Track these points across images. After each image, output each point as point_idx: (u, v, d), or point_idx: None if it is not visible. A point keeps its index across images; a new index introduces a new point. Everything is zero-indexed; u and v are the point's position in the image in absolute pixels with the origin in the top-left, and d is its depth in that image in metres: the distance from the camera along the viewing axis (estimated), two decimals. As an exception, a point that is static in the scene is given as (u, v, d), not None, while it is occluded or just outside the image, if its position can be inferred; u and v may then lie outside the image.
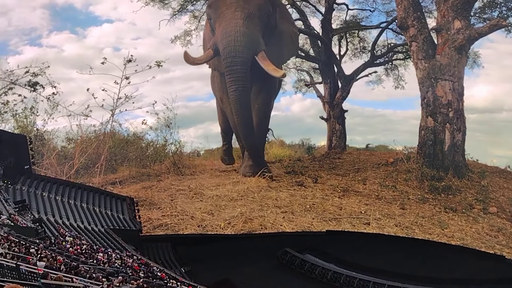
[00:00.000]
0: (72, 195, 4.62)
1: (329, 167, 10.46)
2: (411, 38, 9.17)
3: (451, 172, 8.46)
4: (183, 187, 7.71)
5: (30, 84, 6.83)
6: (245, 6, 8.36)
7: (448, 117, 8.68)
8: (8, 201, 3.45)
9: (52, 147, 7.83)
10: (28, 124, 7.50)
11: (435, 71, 8.72)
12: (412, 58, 9.49)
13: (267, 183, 7.77)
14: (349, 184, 7.97)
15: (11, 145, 4.11)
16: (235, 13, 8.30)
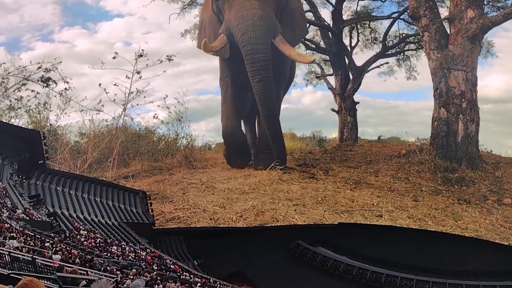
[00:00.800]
0: (85, 189, 4.67)
1: (341, 159, 10.41)
2: (423, 28, 9.04)
3: (465, 163, 8.37)
4: (195, 180, 7.75)
5: (43, 79, 6.91)
6: None
7: (461, 107, 8.56)
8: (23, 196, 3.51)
9: (65, 142, 7.93)
10: (41, 119, 7.61)
11: (448, 61, 8.59)
12: (424, 48, 9.36)
13: (279, 176, 7.77)
14: (361, 176, 7.94)
15: (25, 140, 4.17)
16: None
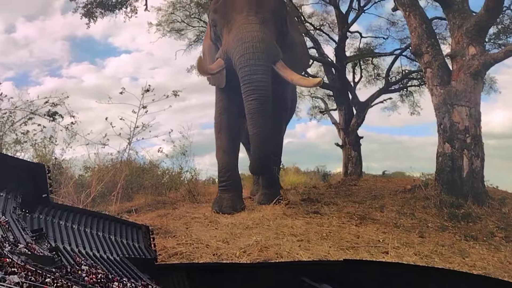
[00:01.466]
0: (88, 224, 4.64)
1: (345, 194, 10.31)
2: (426, 64, 9.13)
3: (471, 199, 8.26)
4: (198, 214, 7.68)
5: (50, 114, 7.00)
6: (258, 10, 7.39)
7: (465, 143, 8.54)
8: (25, 230, 3.48)
9: (69, 175, 7.94)
10: (46, 153, 7.65)
11: (451, 97, 8.64)
12: (427, 84, 9.43)
13: (283, 211, 7.69)
14: (366, 211, 7.83)
15: (30, 174, 4.18)
16: (248, 17, 7.33)
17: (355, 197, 9.66)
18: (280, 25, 7.78)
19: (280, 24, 7.75)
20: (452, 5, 8.95)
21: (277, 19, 7.64)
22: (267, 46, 7.19)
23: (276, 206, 7.97)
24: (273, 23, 7.52)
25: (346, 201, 8.81)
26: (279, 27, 7.74)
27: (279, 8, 7.76)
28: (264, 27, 7.31)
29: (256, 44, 7.12)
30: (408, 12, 9.53)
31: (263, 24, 7.32)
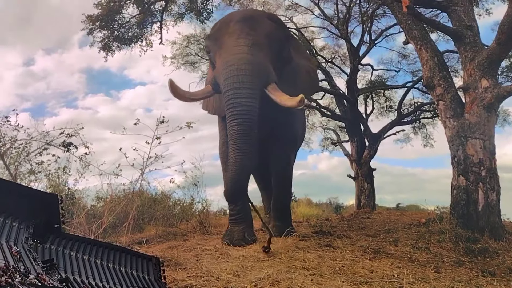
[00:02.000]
0: (99, 255, 4.61)
1: (359, 227, 10.15)
2: (438, 97, 9.11)
3: (487, 233, 8.04)
4: (209, 246, 7.59)
5: (64, 144, 7.11)
6: (251, 32, 6.91)
7: (480, 176, 8.40)
8: (36, 260, 3.47)
9: (82, 206, 7.98)
10: (60, 183, 7.72)
11: (465, 129, 8.57)
12: (440, 116, 9.38)
13: (295, 243, 7.58)
14: (380, 245, 7.67)
15: (43, 204, 4.20)
16: (238, 40, 6.86)
17: (369, 230, 9.51)
18: (278, 49, 7.33)
19: (277, 48, 7.29)
20: (463, 38, 9.00)
21: (272, 42, 7.16)
22: (254, 68, 6.64)
23: (288, 239, 7.88)
24: (267, 46, 7.04)
25: (360, 234, 8.67)
26: (276, 51, 7.25)
27: (275, 32, 7.31)
28: (254, 49, 6.80)
29: (242, 66, 6.61)
30: (419, 46, 9.61)
31: (254, 47, 6.82)
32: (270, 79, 6.80)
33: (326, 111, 20.04)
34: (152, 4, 13.77)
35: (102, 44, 13.70)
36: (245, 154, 6.47)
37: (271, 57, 7.05)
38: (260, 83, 6.64)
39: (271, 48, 7.09)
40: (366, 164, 17.83)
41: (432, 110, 18.64)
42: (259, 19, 7.40)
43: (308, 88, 8.43)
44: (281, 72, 7.37)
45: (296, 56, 8.14)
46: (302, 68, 8.21)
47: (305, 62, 8.50)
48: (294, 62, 7.94)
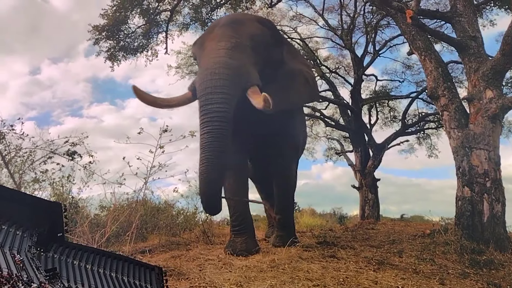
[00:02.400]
0: (102, 264, 4.60)
1: (363, 238, 10.09)
2: (443, 107, 9.10)
3: (492, 245, 7.97)
4: (212, 256, 7.56)
5: (69, 153, 7.13)
6: (234, 35, 6.59)
7: (485, 187, 8.35)
8: (39, 269, 3.47)
9: (85, 214, 7.99)
10: (64, 191, 7.74)
11: (469, 140, 8.54)
12: (444, 127, 9.35)
13: (298, 254, 7.54)
14: (384, 256, 7.62)
15: (47, 212, 4.21)
16: (218, 43, 6.53)
17: (373, 241, 9.45)
18: (265, 52, 6.97)
19: (264, 51, 6.93)
20: (467, 49, 9.01)
21: (258, 44, 6.80)
22: (230, 72, 6.26)
23: (292, 249, 7.84)
24: (251, 48, 6.68)
25: (364, 245, 8.62)
26: (263, 54, 6.89)
27: (261, 34, 6.97)
28: (235, 51, 6.45)
29: (216, 70, 6.25)
30: (423, 56, 9.63)
31: (235, 49, 6.47)
32: (251, 82, 6.41)
33: (330, 121, 20.05)
34: (157, 15, 13.90)
35: (108, 54, 13.82)
36: (213, 165, 6.01)
37: (256, 59, 6.74)
38: (236, 87, 6.25)
39: (255, 50, 6.77)
40: (370, 174, 17.77)
41: (437, 120, 18.62)
42: (245, 22, 7.17)
43: (306, 95, 8.11)
44: (273, 76, 7.16)
45: (292, 61, 7.87)
46: (298, 74, 7.84)
47: (303, 68, 8.13)
48: (288, 66, 7.63)
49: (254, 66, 6.59)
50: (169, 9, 13.66)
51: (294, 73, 7.67)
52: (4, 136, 6.76)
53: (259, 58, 6.75)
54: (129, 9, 13.17)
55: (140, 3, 13.20)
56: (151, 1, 13.53)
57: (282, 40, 7.87)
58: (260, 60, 6.79)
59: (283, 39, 8.02)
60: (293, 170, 8.65)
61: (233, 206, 8.05)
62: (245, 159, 8.23)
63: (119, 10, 13.02)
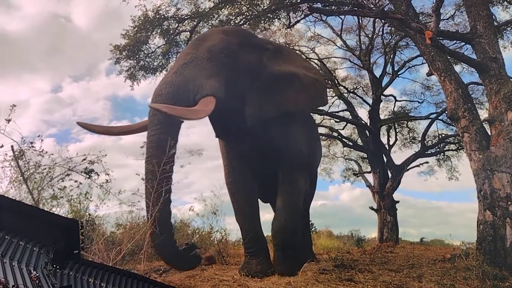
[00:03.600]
0: (116, 282, 4.60)
1: (381, 261, 9.88)
2: (463, 129, 8.95)
3: (515, 271, 7.72)
4: (227, 277, 7.48)
5: (86, 171, 7.21)
6: (191, 52, 6.57)
7: (508, 211, 8.12)
8: (55, 286, 3.48)
9: (101, 232, 8.02)
10: (81, 209, 7.80)
11: (491, 162, 8.36)
12: (465, 149, 9.18)
13: (315, 277, 7.41)
14: (403, 281, 7.42)
15: (63, 229, 4.25)
16: (175, 64, 6.62)
17: (392, 265, 9.24)
18: (228, 59, 6.78)
19: (226, 58, 6.75)
20: (488, 70, 8.90)
21: (216, 54, 6.67)
22: (175, 89, 6.16)
23: (308, 272, 7.71)
24: (208, 59, 6.56)
25: (382, 269, 8.42)
26: (227, 61, 6.72)
27: (220, 44, 6.81)
28: (187, 67, 6.39)
29: (160, 92, 6.22)
30: (443, 77, 9.54)
31: (188, 65, 6.42)
32: (200, 94, 6.28)
33: (347, 141, 19.94)
34: (177, 35, 14.15)
35: (128, 74, 14.07)
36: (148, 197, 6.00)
37: (216, 69, 6.58)
38: (181, 103, 6.04)
39: (213, 60, 6.62)
40: (389, 196, 17.50)
41: (457, 142, 18.34)
42: (208, 36, 7.16)
43: (304, 98, 7.59)
44: (251, 82, 7.01)
45: (281, 65, 7.54)
46: (288, 77, 7.44)
47: (300, 71, 7.70)
48: (272, 71, 7.33)
49: (212, 77, 6.46)
50: (188, 29, 13.89)
51: (280, 79, 7.33)
52: (24, 153, 6.87)
53: (221, 68, 6.63)
54: (149, 30, 13.44)
55: (160, 24, 13.46)
56: (171, 22, 13.78)
57: (258, 46, 7.55)
58: (223, 69, 6.65)
59: (261, 45, 7.63)
60: (299, 182, 7.74)
61: (245, 228, 7.90)
62: (250, 177, 7.92)
63: (140, 31, 13.29)
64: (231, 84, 6.66)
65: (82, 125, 6.70)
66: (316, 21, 18.29)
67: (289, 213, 7.47)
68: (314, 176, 10.47)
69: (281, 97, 7.21)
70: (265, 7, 13.08)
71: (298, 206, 7.71)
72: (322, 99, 8.36)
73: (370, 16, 13.95)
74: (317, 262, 9.45)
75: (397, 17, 9.57)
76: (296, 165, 7.64)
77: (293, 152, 7.59)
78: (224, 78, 6.59)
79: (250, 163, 7.75)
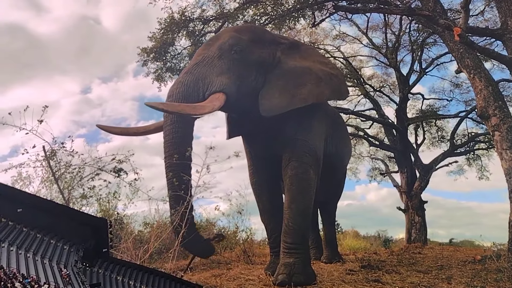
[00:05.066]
0: (144, 280, 4.69)
1: (409, 262, 9.72)
2: (493, 127, 8.71)
3: (549, 273, 7.48)
4: (252, 277, 7.50)
5: (115, 170, 7.35)
6: (202, 52, 6.70)
7: (541, 211, 7.89)
8: (84, 284, 3.57)
9: (129, 231, 8.16)
10: (110, 208, 7.95)
11: (523, 161, 8.14)
12: (495, 148, 8.95)
13: (341, 277, 7.36)
14: (432, 282, 7.29)
15: (93, 228, 4.36)
16: (189, 64, 6.84)
17: (420, 266, 9.09)
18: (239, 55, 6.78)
19: (237, 54, 6.75)
20: (520, 67, 8.65)
21: (226, 51, 6.72)
22: (185, 88, 6.35)
23: (334, 272, 7.66)
24: (219, 57, 6.65)
25: (410, 270, 8.29)
26: (237, 57, 6.73)
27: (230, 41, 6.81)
28: (197, 67, 6.56)
29: (172, 92, 6.43)
30: (472, 75, 9.32)
31: (199, 64, 6.59)
32: (211, 90, 6.39)
33: (374, 141, 19.68)
34: (203, 36, 14.26)
35: (156, 75, 14.30)
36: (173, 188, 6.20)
37: (226, 66, 6.64)
38: (191, 100, 6.27)
39: (223, 57, 6.69)
40: (417, 196, 17.19)
41: (487, 141, 17.84)
42: (220, 35, 7.25)
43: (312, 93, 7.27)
44: (265, 77, 7.00)
45: (296, 60, 7.47)
46: (304, 72, 7.35)
47: (315, 66, 7.57)
48: (286, 66, 7.29)
49: (222, 74, 6.53)
50: (214, 30, 13.99)
51: (296, 73, 7.26)
52: (55, 153, 7.06)
53: (231, 64, 6.67)
54: (176, 32, 13.60)
55: (186, 25, 13.61)
56: (197, 23, 13.91)
57: (272, 40, 7.52)
58: (234, 66, 6.69)
59: (274, 40, 7.59)
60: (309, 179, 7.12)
61: (270, 227, 7.83)
62: (274, 176, 7.75)
63: (166, 33, 13.47)
64: (243, 79, 6.73)
65: (100, 127, 6.98)
66: (341, 20, 18.14)
67: (297, 213, 6.88)
68: (342, 176, 10.41)
69: (298, 91, 7.10)
70: (290, 6, 13.04)
71: (307, 206, 7.03)
72: (340, 92, 8.08)
73: (397, 13, 13.73)
74: (343, 263, 9.39)
75: (425, 14, 9.38)
76: (306, 162, 7.14)
77: (305, 149, 7.23)
78: (236, 75, 6.64)
79: (270, 162, 7.63)
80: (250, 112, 6.86)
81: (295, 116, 7.07)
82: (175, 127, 6.34)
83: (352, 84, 19.00)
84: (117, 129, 7.26)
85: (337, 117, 9.83)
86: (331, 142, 8.33)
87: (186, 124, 6.40)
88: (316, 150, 7.38)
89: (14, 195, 3.97)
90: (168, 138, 6.34)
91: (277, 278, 6.40)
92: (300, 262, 6.53)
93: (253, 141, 7.65)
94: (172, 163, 6.21)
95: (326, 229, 10.39)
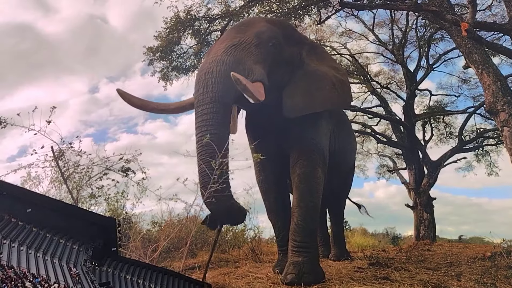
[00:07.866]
0: (153, 279, 4.70)
1: (418, 259, 9.67)
2: (502, 123, 8.63)
3: (559, 270, 7.40)
4: (260, 275, 7.50)
5: (123, 170, 7.36)
6: (237, 35, 6.36)
7: (552, 207, 7.79)
8: (94, 283, 3.59)
9: (138, 230, 8.20)
10: (118, 207, 7.99)
11: (533, 157, 8.05)
12: (504, 143, 8.85)
13: (350, 275, 7.34)
14: (441, 279, 7.24)
15: (101, 227, 4.38)
16: (220, 45, 6.35)
17: (429, 263, 9.04)
18: (274, 48, 6.67)
19: (273, 48, 6.64)
20: (529, 62, 8.55)
21: (264, 41, 6.52)
22: (227, 68, 5.97)
23: (343, 269, 7.64)
24: (256, 45, 6.41)
25: (419, 267, 8.25)
26: (272, 51, 6.61)
27: (267, 31, 6.67)
28: (235, 49, 6.24)
29: (210, 69, 6.05)
30: (480, 70, 9.23)
31: (235, 47, 6.26)
32: (252, 78, 6.11)
33: (381, 138, 19.59)
34: (208, 35, 14.26)
35: (161, 74, 14.32)
36: (205, 174, 5.78)
37: (263, 57, 6.47)
38: (229, 82, 5.81)
39: (261, 47, 6.49)
40: (425, 193, 17.09)
41: (496, 136, 17.69)
42: (254, 22, 7.06)
43: (331, 100, 7.32)
44: (291, 76, 6.94)
45: (316, 63, 7.44)
46: (323, 77, 7.31)
47: (330, 72, 7.54)
48: (310, 67, 7.24)
49: (259, 63, 6.35)
50: (219, 29, 13.98)
51: (317, 76, 7.23)
52: (63, 153, 7.09)
53: (266, 55, 6.51)
54: (181, 30, 13.61)
55: (191, 24, 13.61)
56: (202, 22, 13.91)
57: (299, 40, 7.50)
58: (269, 58, 6.55)
59: (301, 39, 7.59)
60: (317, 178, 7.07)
61: (277, 226, 7.77)
62: (281, 174, 7.73)
63: (172, 32, 13.49)
64: (272, 74, 6.54)
65: (120, 93, 6.64)
66: (347, 16, 18.07)
67: (306, 211, 6.80)
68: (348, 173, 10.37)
69: (318, 94, 7.06)
70: (295, 3, 13.00)
71: (315, 204, 6.97)
72: (346, 102, 8.19)
73: (403, 9, 13.66)
74: (352, 261, 9.37)
75: (432, 10, 9.31)
76: (314, 160, 7.11)
77: (313, 147, 7.21)
78: (267, 67, 6.47)
79: (276, 160, 7.54)
80: (264, 109, 6.64)
81: (309, 117, 7.01)
82: (215, 106, 5.94)
83: (359, 81, 18.92)
84: (137, 99, 6.78)
85: (341, 114, 9.80)
86: (336, 139, 8.32)
87: (225, 105, 6.04)
88: (324, 148, 7.37)
89: (24, 195, 4.00)
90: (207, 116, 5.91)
91: (286, 277, 6.33)
92: (308, 261, 6.47)
93: (261, 138, 7.45)
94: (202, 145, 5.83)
95: (334, 227, 10.38)
